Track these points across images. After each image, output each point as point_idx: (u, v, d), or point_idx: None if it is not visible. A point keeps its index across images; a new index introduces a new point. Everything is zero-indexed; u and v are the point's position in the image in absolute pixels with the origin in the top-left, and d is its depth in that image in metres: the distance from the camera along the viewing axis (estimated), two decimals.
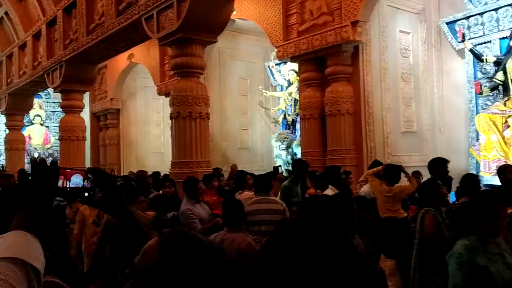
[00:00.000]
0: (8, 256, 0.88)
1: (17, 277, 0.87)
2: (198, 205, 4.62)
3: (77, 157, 9.78)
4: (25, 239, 0.94)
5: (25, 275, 0.88)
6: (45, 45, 9.82)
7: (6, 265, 0.87)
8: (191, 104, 6.21)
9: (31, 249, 0.93)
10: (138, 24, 6.84)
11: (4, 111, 12.63)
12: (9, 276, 0.86)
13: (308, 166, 5.43)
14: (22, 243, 0.93)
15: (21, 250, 0.91)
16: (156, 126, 14.77)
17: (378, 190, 4.84)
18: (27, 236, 0.95)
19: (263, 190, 4.41)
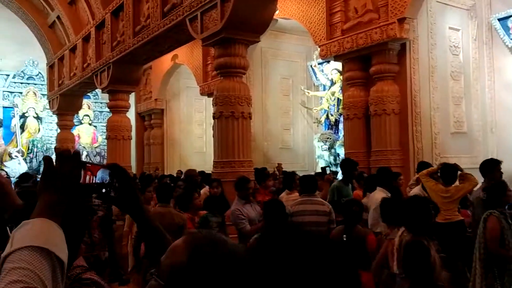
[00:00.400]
0: (35, 245, 0.87)
1: (42, 267, 0.86)
2: (249, 205, 4.57)
3: (123, 155, 10.05)
4: (51, 228, 0.94)
5: (51, 265, 0.87)
6: (94, 48, 10.16)
7: (32, 254, 0.86)
8: (233, 104, 6.22)
9: (57, 239, 0.92)
10: (183, 25, 6.93)
11: (56, 111, 13.19)
12: (35, 266, 0.85)
13: (357, 165, 5.27)
14: (48, 232, 0.92)
15: (48, 239, 0.90)
16: (199, 126, 14.98)
17: (434, 191, 4.63)
18: (52, 225, 0.94)
19: (308, 190, 4.33)
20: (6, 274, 0.83)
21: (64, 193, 1.01)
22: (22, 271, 0.83)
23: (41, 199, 0.99)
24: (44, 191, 1.00)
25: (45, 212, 0.96)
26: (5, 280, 0.82)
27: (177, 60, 12.70)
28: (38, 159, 16.01)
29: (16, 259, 0.85)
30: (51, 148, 15.78)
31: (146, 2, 7.96)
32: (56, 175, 1.02)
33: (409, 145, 6.99)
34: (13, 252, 0.86)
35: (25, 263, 0.84)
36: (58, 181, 1.01)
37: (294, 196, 4.82)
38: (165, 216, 4.57)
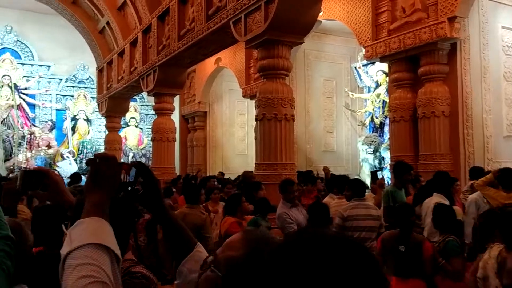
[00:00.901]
0: (95, 242, 0.92)
1: (105, 262, 0.91)
2: (295, 209, 4.47)
3: (167, 157, 10.26)
4: (105, 227, 0.99)
5: (110, 261, 0.92)
6: (140, 52, 10.45)
7: (95, 251, 0.91)
8: (276, 106, 6.18)
9: (110, 237, 0.97)
10: (226, 27, 6.98)
11: (104, 113, 13.66)
12: (100, 262, 0.90)
13: (411, 169, 5.04)
14: (103, 230, 0.97)
15: (104, 237, 0.95)
16: (241, 128, 15.06)
17: (495, 199, 4.35)
18: (105, 224, 0.99)
19: (359, 194, 4.22)
20: (74, 269, 0.88)
21: (108, 193, 1.07)
22: (89, 267, 0.88)
23: (89, 199, 1.04)
24: (91, 191, 1.06)
25: (95, 211, 1.01)
26: (74, 276, 0.86)
27: (220, 63, 12.84)
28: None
29: (80, 256, 0.89)
30: (100, 149, 16.37)
31: (191, 6, 8.09)
32: (101, 176, 1.07)
33: (459, 149, 6.69)
34: (75, 249, 0.90)
35: (90, 259, 0.89)
36: (103, 182, 1.07)
37: (341, 200, 4.66)
38: (187, 216, 4.59)
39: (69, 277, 0.87)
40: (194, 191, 4.94)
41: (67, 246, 0.92)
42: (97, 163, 1.10)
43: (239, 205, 4.35)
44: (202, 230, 4.55)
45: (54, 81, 16.78)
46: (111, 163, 1.11)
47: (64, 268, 0.89)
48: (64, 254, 0.91)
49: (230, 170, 12.92)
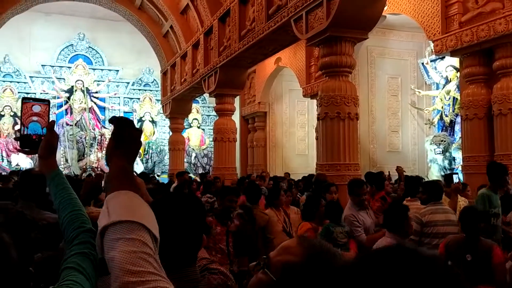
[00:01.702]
0: (136, 220, 0.89)
1: (149, 239, 0.88)
2: (364, 212, 4.17)
3: (228, 157, 10.36)
4: (142, 205, 0.95)
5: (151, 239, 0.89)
6: (202, 54, 10.64)
7: (137, 227, 0.88)
8: (339, 104, 5.99)
9: (150, 215, 0.94)
10: (287, 26, 6.89)
11: (168, 115, 14.09)
12: (145, 238, 0.87)
13: (506, 171, 4.56)
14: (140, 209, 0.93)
15: (143, 216, 0.91)
16: (301, 128, 14.93)
17: None
18: (142, 201, 0.96)
19: (436, 198, 3.93)
20: (120, 242, 0.86)
21: (132, 157, 1.05)
22: (136, 242, 0.86)
23: (115, 163, 1.01)
24: (116, 155, 1.03)
25: (124, 178, 0.98)
26: (122, 249, 0.85)
27: (280, 63, 12.77)
28: (152, 160, 17.28)
29: (123, 230, 0.87)
30: (164, 150, 16.93)
31: (252, 6, 8.09)
32: (125, 140, 1.04)
33: None
34: (114, 223, 0.88)
35: (135, 235, 0.87)
36: (127, 145, 1.04)
37: (416, 204, 4.31)
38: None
39: (115, 249, 0.85)
40: (255, 191, 4.91)
41: (105, 218, 0.90)
42: (120, 126, 1.06)
43: (317, 209, 3.99)
44: (265, 231, 4.50)
45: (122, 84, 17.59)
46: (132, 126, 1.07)
47: (105, 241, 0.88)
48: (102, 227, 0.89)
49: (291, 170, 12.82)
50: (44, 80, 16.44)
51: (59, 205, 1.33)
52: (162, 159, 17.32)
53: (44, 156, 1.39)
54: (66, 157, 15.77)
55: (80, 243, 1.22)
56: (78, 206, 1.34)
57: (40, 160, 1.40)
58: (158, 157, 17.36)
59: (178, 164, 13.77)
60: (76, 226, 1.27)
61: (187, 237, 1.32)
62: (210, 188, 7.15)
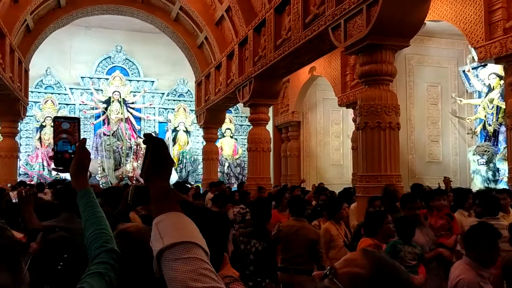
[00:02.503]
0: (188, 240, 0.94)
1: (204, 256, 0.94)
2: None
3: (262, 167, 10.28)
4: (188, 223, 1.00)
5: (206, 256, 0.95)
6: (237, 64, 10.66)
7: (191, 246, 0.93)
8: (380, 114, 5.82)
9: (197, 231, 0.99)
10: (324, 35, 6.79)
11: (202, 125, 14.19)
12: (201, 256, 0.93)
13: None
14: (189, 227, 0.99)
15: (192, 234, 0.96)
16: (336, 138, 14.73)
17: None
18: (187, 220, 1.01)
19: (493, 213, 3.65)
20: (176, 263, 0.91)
21: (168, 179, 1.07)
22: (194, 261, 0.91)
23: (155, 185, 1.05)
24: (155, 176, 1.05)
25: (166, 200, 1.02)
26: (180, 269, 0.90)
27: (315, 72, 12.66)
28: (186, 169, 17.42)
29: (180, 251, 0.92)
30: (198, 159, 17.05)
31: (287, 15, 8.04)
32: (162, 161, 1.07)
33: None
34: (169, 246, 0.93)
35: (193, 254, 0.92)
36: (164, 166, 1.07)
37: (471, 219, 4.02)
38: (300, 230, 4.44)
39: (176, 270, 0.90)
40: (301, 203, 4.77)
41: (158, 242, 0.95)
42: (157, 147, 1.08)
43: (380, 226, 3.61)
44: (317, 245, 4.37)
45: (157, 95, 17.89)
46: (165, 144, 1.09)
47: (163, 263, 0.93)
48: (158, 250, 0.94)
49: (325, 181, 12.60)
50: (83, 92, 16.92)
51: (85, 223, 1.37)
52: (195, 169, 17.43)
53: (75, 175, 1.41)
54: (103, 167, 16.11)
55: (99, 263, 1.25)
56: (103, 224, 1.37)
57: (72, 178, 1.42)
58: (192, 167, 17.49)
59: (211, 174, 13.80)
60: (98, 245, 1.30)
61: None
62: (245, 199, 7.07)
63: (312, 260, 4.32)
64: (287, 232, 4.49)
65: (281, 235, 4.56)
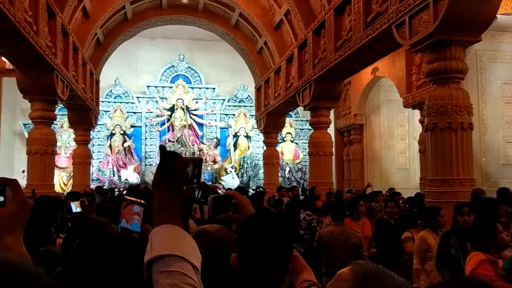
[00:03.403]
0: (174, 254, 0.95)
1: (190, 270, 0.95)
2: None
3: (324, 171, 10.09)
4: (182, 236, 1.01)
5: (193, 269, 0.96)
6: (296, 67, 10.58)
7: (177, 260, 0.94)
8: (450, 114, 5.48)
9: (188, 246, 1.00)
10: (387, 33, 6.54)
11: (262, 129, 14.24)
12: (185, 269, 0.94)
13: None
14: (180, 241, 1.00)
15: (182, 248, 0.97)
16: (401, 140, 14.20)
17: None
18: (182, 232, 1.02)
19: None
20: (164, 276, 0.93)
21: (176, 191, 1.08)
22: (177, 275, 0.93)
23: (159, 195, 1.07)
24: (159, 186, 1.08)
25: (166, 209, 1.04)
26: (165, 281, 0.93)
27: (378, 72, 12.29)
28: (247, 174, 17.57)
29: (165, 264, 0.94)
30: (259, 164, 17.13)
31: (348, 15, 7.86)
32: (169, 171, 1.08)
33: None
34: (157, 258, 0.95)
35: (177, 267, 0.94)
36: (171, 177, 1.08)
37: None
38: (338, 235, 4.41)
39: (160, 283, 0.93)
40: (340, 208, 4.73)
41: (148, 253, 0.97)
42: (165, 158, 1.09)
43: (493, 238, 3.14)
44: (360, 249, 4.32)
45: (218, 101, 18.24)
46: (177, 158, 1.11)
47: (152, 275, 0.95)
48: (146, 261, 0.97)
49: (390, 185, 12.16)
50: (149, 100, 17.64)
51: None
52: (256, 174, 17.53)
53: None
54: None
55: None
56: None
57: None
58: (253, 171, 17.60)
59: (272, 179, 13.79)
60: None
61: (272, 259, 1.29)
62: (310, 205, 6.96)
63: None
64: (327, 238, 4.49)
65: (322, 241, 4.55)
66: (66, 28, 9.15)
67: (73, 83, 9.79)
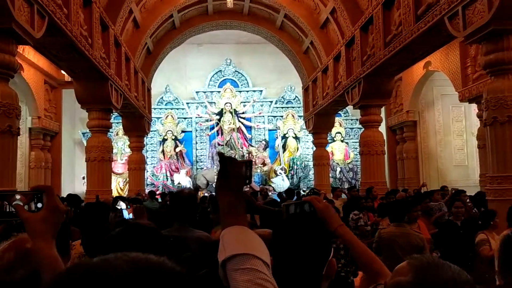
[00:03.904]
0: (247, 252, 1.01)
1: (263, 267, 1.00)
2: None
3: (376, 171, 9.84)
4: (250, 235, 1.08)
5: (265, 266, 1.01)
6: (344, 65, 10.40)
7: (250, 258, 1.00)
8: (510, 107, 5.18)
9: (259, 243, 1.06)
10: (440, 25, 6.28)
11: (311, 130, 14.11)
12: (258, 266, 0.99)
13: None
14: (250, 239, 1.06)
15: (253, 246, 1.03)
16: (458, 136, 13.61)
17: None
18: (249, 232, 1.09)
19: None
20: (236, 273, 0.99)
21: (238, 194, 1.14)
22: (250, 271, 0.98)
23: (222, 199, 1.13)
24: (222, 191, 1.14)
25: (232, 213, 1.11)
26: (242, 278, 0.98)
27: (430, 67, 11.86)
28: (297, 175, 17.47)
29: (239, 262, 1.00)
30: (309, 165, 16.99)
31: (397, 9, 7.62)
32: (230, 175, 1.14)
33: None
34: (230, 257, 1.01)
35: (250, 264, 0.99)
36: (232, 180, 1.14)
37: None
38: (399, 236, 4.32)
39: (236, 280, 0.99)
40: (401, 208, 4.63)
41: (222, 253, 1.03)
42: (224, 163, 1.15)
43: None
44: (423, 250, 4.20)
45: (266, 103, 18.29)
46: (235, 162, 1.17)
47: (227, 273, 1.01)
48: (221, 261, 1.02)
49: (448, 183, 11.66)
50: (198, 105, 18.01)
51: None
52: (307, 175, 17.39)
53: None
54: None
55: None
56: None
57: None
58: (303, 173, 17.48)
59: (323, 179, 13.63)
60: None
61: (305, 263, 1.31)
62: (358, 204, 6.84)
63: None
64: (388, 239, 4.41)
65: (382, 243, 4.47)
66: (118, 39, 9.54)
67: (126, 92, 10.18)
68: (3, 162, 5.04)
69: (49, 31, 5.90)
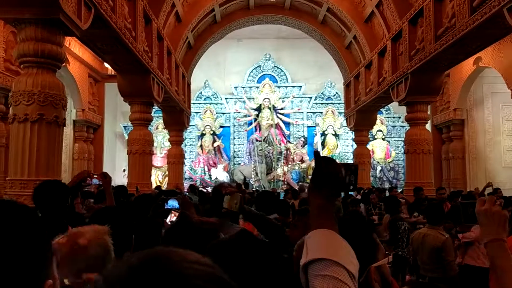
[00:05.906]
0: (330, 258, 0.95)
1: (345, 276, 0.94)
2: None
3: (422, 171, 9.44)
4: (337, 241, 1.01)
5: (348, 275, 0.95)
6: (389, 61, 10.01)
7: (332, 265, 0.95)
8: None
9: (342, 251, 0.99)
10: (497, 17, 5.87)
11: (352, 127, 13.74)
12: (340, 275, 0.93)
13: None
14: (337, 245, 1.00)
15: (337, 252, 0.97)
16: (508, 136, 12.96)
17: None
18: (336, 237, 1.02)
19: None
20: (315, 280, 0.94)
21: (330, 196, 1.09)
22: (332, 280, 0.93)
23: (313, 201, 1.09)
24: (313, 192, 1.10)
25: (321, 216, 1.06)
26: (317, 286, 0.94)
27: (481, 63, 11.26)
28: None
29: (321, 268, 0.95)
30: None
31: (450, 1, 7.21)
32: (323, 177, 1.09)
33: None
34: (311, 261, 0.97)
35: (331, 272, 0.94)
36: (324, 183, 1.09)
37: None
38: (424, 237, 4.41)
39: (315, 286, 0.95)
40: (437, 211, 4.60)
41: (304, 256, 1.00)
42: (319, 163, 1.11)
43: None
44: (442, 252, 4.25)
45: (305, 100, 18.02)
46: (332, 163, 1.12)
47: (308, 277, 0.97)
48: (302, 264, 0.99)
49: (495, 185, 11.05)
50: (236, 101, 17.97)
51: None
52: None
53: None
54: (256, 171, 16.81)
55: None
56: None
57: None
58: None
59: (363, 178, 13.22)
60: None
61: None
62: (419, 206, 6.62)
63: (440, 268, 4.24)
64: (416, 241, 4.56)
65: (413, 245, 4.65)
66: (161, 33, 9.57)
67: (167, 86, 10.21)
68: (50, 152, 5.09)
69: (95, 23, 5.92)
